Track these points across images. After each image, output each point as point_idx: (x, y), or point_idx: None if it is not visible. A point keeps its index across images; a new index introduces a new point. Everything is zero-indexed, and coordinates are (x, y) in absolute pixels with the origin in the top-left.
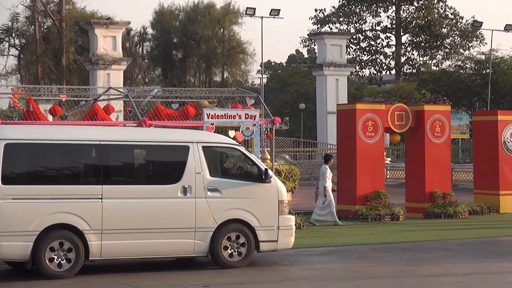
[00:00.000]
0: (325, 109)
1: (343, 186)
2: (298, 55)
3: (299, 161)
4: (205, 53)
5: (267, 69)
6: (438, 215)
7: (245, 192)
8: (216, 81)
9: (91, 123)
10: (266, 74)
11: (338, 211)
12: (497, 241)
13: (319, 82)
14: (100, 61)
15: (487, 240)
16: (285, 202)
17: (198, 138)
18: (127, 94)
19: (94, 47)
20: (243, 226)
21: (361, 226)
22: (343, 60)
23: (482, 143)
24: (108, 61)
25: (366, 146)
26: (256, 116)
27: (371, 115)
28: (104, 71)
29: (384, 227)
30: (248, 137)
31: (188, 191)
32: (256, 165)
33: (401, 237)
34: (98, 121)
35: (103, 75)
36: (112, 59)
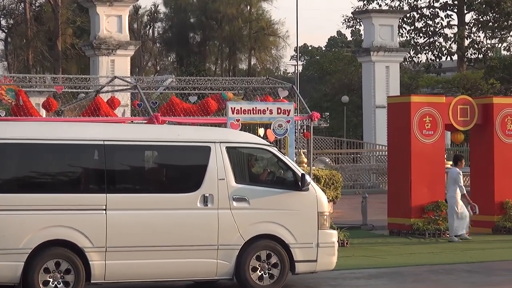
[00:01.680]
0: (373, 102)
1: (395, 196)
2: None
3: (341, 165)
4: (228, 36)
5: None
6: (510, 230)
7: (278, 202)
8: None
9: (93, 120)
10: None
11: (388, 225)
12: None
13: (366, 70)
14: (103, 45)
15: None
16: (326, 214)
17: (221, 137)
18: (136, 85)
19: (96, 29)
20: (275, 243)
21: (417, 244)
22: (395, 44)
23: None
24: (113, 46)
25: (423, 147)
26: (290, 111)
27: (429, 110)
28: (108, 58)
29: (444, 244)
30: (281, 136)
31: (209, 201)
32: (291, 170)
33: (466, 257)
34: (101, 117)
35: (106, 62)
36: (117, 43)
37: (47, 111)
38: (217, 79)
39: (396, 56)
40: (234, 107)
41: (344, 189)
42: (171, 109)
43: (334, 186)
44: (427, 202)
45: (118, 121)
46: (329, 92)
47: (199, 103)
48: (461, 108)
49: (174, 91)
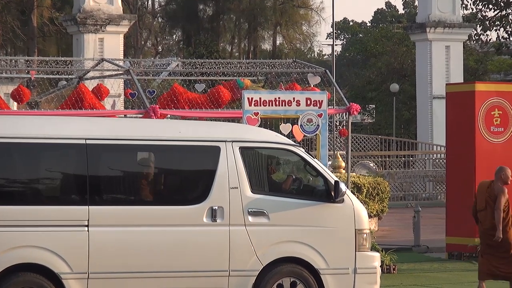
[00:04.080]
0: (429, 92)
1: (455, 210)
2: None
3: (389, 171)
4: (247, 8)
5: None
6: None
7: (305, 216)
8: (265, 50)
9: (73, 113)
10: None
11: (447, 247)
12: None
13: (421, 51)
14: (89, 20)
15: None
16: (366, 232)
17: (234, 135)
18: (128, 70)
19: (80, 0)
20: (301, 268)
21: None
22: (457, 18)
23: None
24: (101, 20)
25: (491, 148)
26: (323, 102)
27: (499, 101)
28: (95, 35)
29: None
30: (311, 134)
31: (218, 215)
32: (321, 176)
33: None
34: (85, 110)
35: (93, 41)
36: (107, 17)
37: (17, 102)
38: (231, 62)
39: (459, 33)
40: (252, 97)
41: (393, 201)
42: (173, 100)
43: (380, 197)
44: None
45: (106, 115)
46: (374, 79)
47: (209, 92)
48: None
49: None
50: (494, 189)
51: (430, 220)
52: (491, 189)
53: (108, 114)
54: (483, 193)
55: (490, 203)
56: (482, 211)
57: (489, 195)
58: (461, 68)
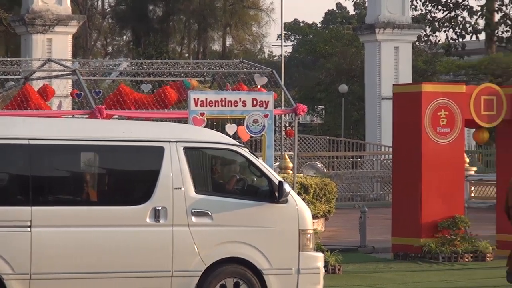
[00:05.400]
0: (378, 92)
1: (401, 210)
2: (340, 11)
3: (337, 172)
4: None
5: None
6: None
7: (249, 217)
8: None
9: (19, 114)
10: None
11: (393, 247)
12: None
13: (370, 51)
14: (38, 20)
15: None
16: (310, 232)
17: (179, 136)
18: (75, 70)
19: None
20: (245, 269)
21: (427, 270)
22: (407, 19)
23: None
24: (50, 21)
25: (437, 149)
26: (269, 102)
27: (445, 101)
28: (44, 36)
29: (462, 271)
30: (257, 135)
31: (161, 216)
32: (265, 177)
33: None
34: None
35: (41, 42)
36: (55, 18)
37: None
38: (178, 63)
39: (408, 34)
40: (198, 97)
41: (340, 201)
42: (119, 101)
43: (327, 197)
44: (442, 217)
45: (52, 115)
46: (323, 80)
47: (155, 93)
48: (486, 100)
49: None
50: None
51: (377, 221)
52: None
53: (54, 114)
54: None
55: None
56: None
57: None
58: (410, 69)
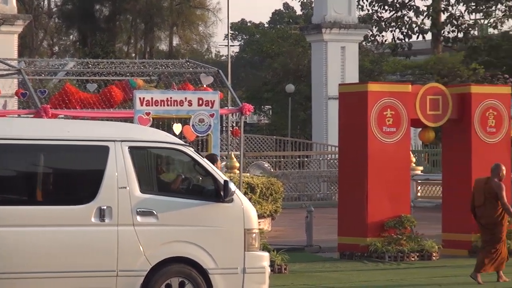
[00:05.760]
0: (324, 92)
1: (347, 210)
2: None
3: (284, 171)
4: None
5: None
6: None
7: (194, 216)
8: (162, 50)
9: None
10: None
11: (339, 246)
12: None
13: (317, 51)
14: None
15: None
16: (255, 231)
17: (123, 135)
18: (20, 69)
19: None
20: (190, 268)
21: (373, 269)
22: (353, 19)
23: None
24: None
25: (383, 148)
26: (215, 102)
27: (391, 101)
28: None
29: (408, 270)
30: (202, 134)
31: (106, 215)
32: (211, 176)
33: (434, 286)
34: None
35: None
36: (1, 17)
37: None
38: (124, 62)
39: (355, 34)
40: (144, 97)
41: (287, 201)
42: (65, 100)
43: (273, 197)
44: (388, 217)
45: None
46: (270, 79)
47: (101, 92)
48: (431, 99)
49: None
50: (493, 186)
51: (323, 220)
52: (489, 185)
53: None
54: (481, 189)
55: (490, 199)
56: (480, 207)
57: (488, 191)
58: (357, 69)
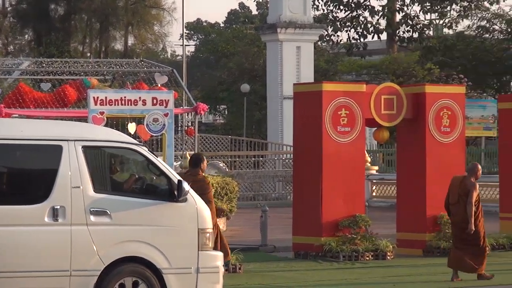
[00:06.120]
0: (280, 92)
1: (301, 209)
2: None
3: (239, 171)
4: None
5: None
6: (445, 251)
7: (148, 216)
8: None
9: None
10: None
11: (294, 246)
12: None
13: (272, 51)
14: None
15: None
16: (209, 231)
17: (77, 134)
18: None
19: None
20: (144, 268)
21: (328, 269)
22: (308, 18)
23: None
24: None
25: (338, 148)
26: (169, 101)
27: (346, 100)
28: None
29: (363, 270)
30: (157, 134)
31: (60, 215)
32: (164, 176)
33: (388, 286)
34: None
35: None
36: None
37: None
38: (78, 62)
39: (310, 34)
40: (98, 96)
41: (243, 201)
42: (18, 99)
43: (228, 197)
44: (342, 217)
45: None
46: (226, 79)
47: (55, 92)
48: (386, 99)
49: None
50: (467, 184)
51: (279, 220)
52: (464, 184)
53: None
54: (456, 187)
55: (463, 198)
56: (454, 205)
57: (462, 189)
58: (312, 69)
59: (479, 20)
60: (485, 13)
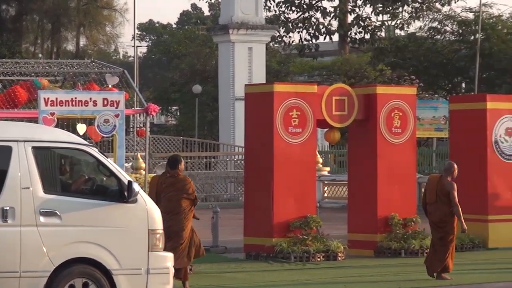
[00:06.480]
0: (231, 93)
1: (253, 210)
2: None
3: (191, 172)
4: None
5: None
6: (396, 252)
7: (98, 217)
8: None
9: None
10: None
11: (245, 247)
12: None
13: (224, 52)
14: None
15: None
16: (159, 232)
17: (26, 135)
18: None
19: None
20: (94, 269)
21: (279, 270)
22: (260, 20)
23: (463, 143)
24: None
25: (289, 148)
26: (120, 102)
27: (297, 101)
28: None
29: (314, 271)
30: (107, 135)
31: (9, 216)
32: (115, 177)
33: (340, 287)
34: None
35: None
36: None
37: None
38: (29, 62)
39: (262, 35)
40: (48, 97)
41: None
42: None
43: None
44: (294, 217)
45: None
46: (178, 80)
47: (4, 93)
48: (337, 100)
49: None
50: (445, 185)
51: (230, 221)
52: (442, 184)
53: None
54: (434, 187)
55: (442, 198)
56: (432, 204)
57: (440, 189)
58: (264, 70)
59: (431, 22)
60: (437, 15)
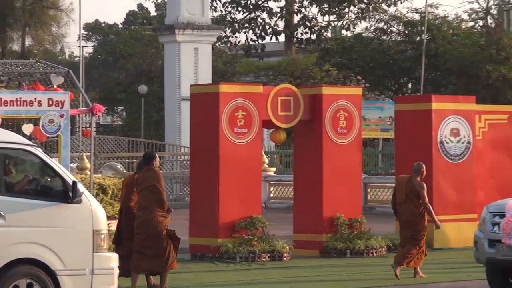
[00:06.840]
0: (177, 93)
1: (198, 210)
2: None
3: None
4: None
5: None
6: (341, 252)
7: (42, 217)
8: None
9: None
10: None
11: (190, 247)
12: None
13: (170, 52)
14: None
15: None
16: (104, 232)
17: None
18: None
19: None
20: (38, 270)
21: (224, 270)
22: (206, 20)
23: (408, 143)
24: None
25: (235, 149)
26: (65, 102)
27: (243, 102)
28: None
29: (259, 271)
30: (52, 135)
31: None
32: (59, 177)
33: (285, 287)
34: None
35: None
36: None
37: None
38: None
39: (208, 35)
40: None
41: None
42: None
43: None
44: (239, 218)
45: None
46: (123, 80)
47: None
48: (283, 100)
49: None
50: (415, 185)
51: (176, 221)
52: (411, 184)
53: None
54: (403, 187)
55: (411, 197)
56: (402, 204)
57: (410, 189)
58: (210, 70)
59: (377, 22)
60: (383, 15)
